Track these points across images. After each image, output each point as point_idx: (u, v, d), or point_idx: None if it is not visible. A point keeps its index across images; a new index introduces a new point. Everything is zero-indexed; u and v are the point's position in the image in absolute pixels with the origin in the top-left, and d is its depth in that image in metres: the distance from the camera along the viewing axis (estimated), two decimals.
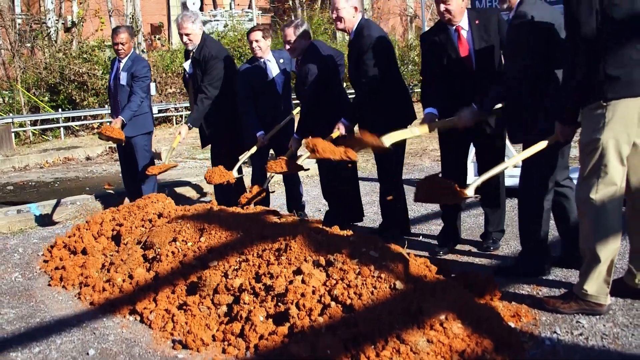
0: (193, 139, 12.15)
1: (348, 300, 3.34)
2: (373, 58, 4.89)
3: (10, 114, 17.27)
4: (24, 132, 17.23)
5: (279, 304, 3.47)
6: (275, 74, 5.92)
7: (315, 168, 6.62)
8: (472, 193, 3.76)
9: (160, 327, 3.74)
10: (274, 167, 5.09)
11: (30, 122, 17.37)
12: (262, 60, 5.89)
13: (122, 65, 6.44)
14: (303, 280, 3.55)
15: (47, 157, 13.47)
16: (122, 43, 6.38)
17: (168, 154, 6.16)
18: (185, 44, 6.07)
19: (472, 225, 5.57)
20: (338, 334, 3.14)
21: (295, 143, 5.49)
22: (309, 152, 4.31)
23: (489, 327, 3.16)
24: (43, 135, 17.69)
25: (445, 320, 3.11)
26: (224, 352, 3.37)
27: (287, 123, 5.87)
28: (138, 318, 3.93)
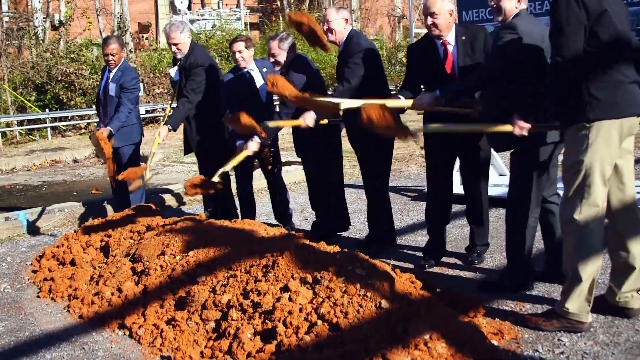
0: (181, 142, 12.10)
1: (334, 319, 3.39)
2: (360, 62, 4.93)
3: None
4: (11, 132, 17.16)
5: (267, 321, 3.51)
6: (260, 85, 5.94)
7: (302, 174, 6.62)
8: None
9: (149, 342, 3.77)
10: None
11: (17, 122, 17.30)
12: (245, 70, 5.92)
13: (111, 76, 6.45)
14: (290, 298, 3.60)
15: (34, 159, 13.45)
16: (112, 54, 6.39)
17: (150, 159, 6.02)
18: (174, 53, 6.10)
19: (457, 237, 5.64)
20: (325, 353, 3.19)
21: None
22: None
23: (472, 346, 3.23)
24: (30, 135, 17.62)
25: (430, 340, 3.17)
26: None
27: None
28: (127, 333, 3.96)
